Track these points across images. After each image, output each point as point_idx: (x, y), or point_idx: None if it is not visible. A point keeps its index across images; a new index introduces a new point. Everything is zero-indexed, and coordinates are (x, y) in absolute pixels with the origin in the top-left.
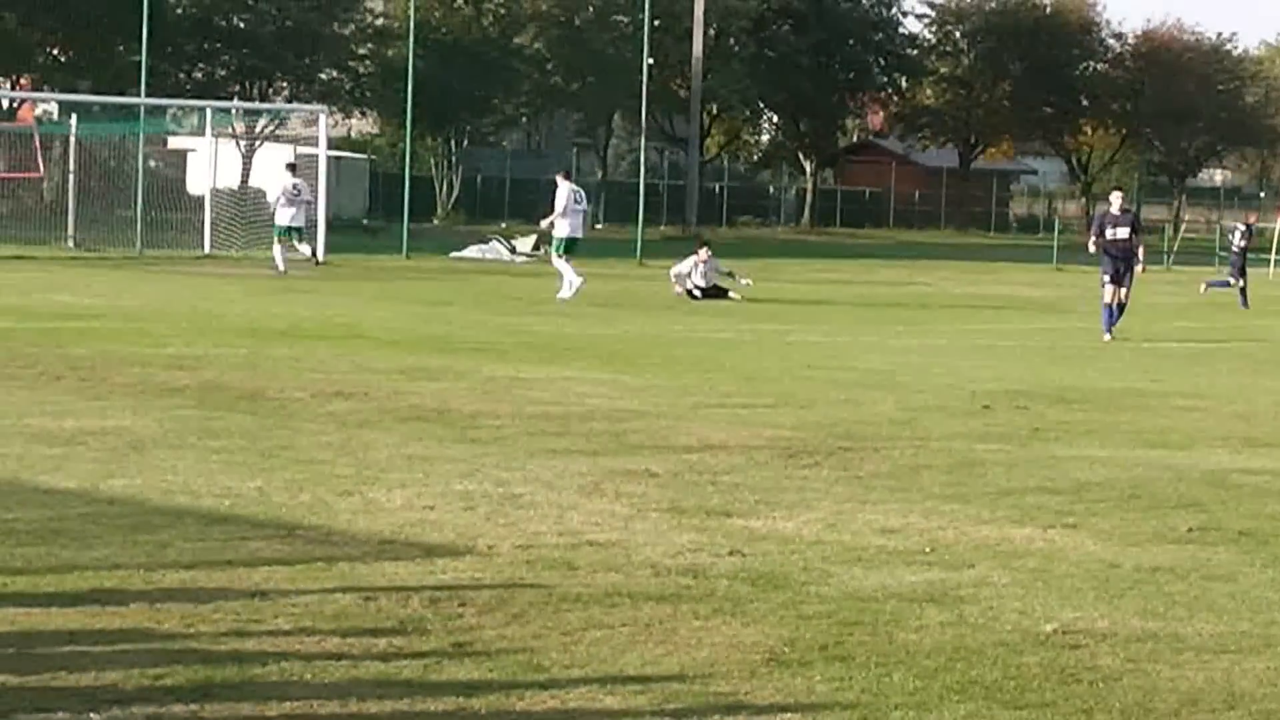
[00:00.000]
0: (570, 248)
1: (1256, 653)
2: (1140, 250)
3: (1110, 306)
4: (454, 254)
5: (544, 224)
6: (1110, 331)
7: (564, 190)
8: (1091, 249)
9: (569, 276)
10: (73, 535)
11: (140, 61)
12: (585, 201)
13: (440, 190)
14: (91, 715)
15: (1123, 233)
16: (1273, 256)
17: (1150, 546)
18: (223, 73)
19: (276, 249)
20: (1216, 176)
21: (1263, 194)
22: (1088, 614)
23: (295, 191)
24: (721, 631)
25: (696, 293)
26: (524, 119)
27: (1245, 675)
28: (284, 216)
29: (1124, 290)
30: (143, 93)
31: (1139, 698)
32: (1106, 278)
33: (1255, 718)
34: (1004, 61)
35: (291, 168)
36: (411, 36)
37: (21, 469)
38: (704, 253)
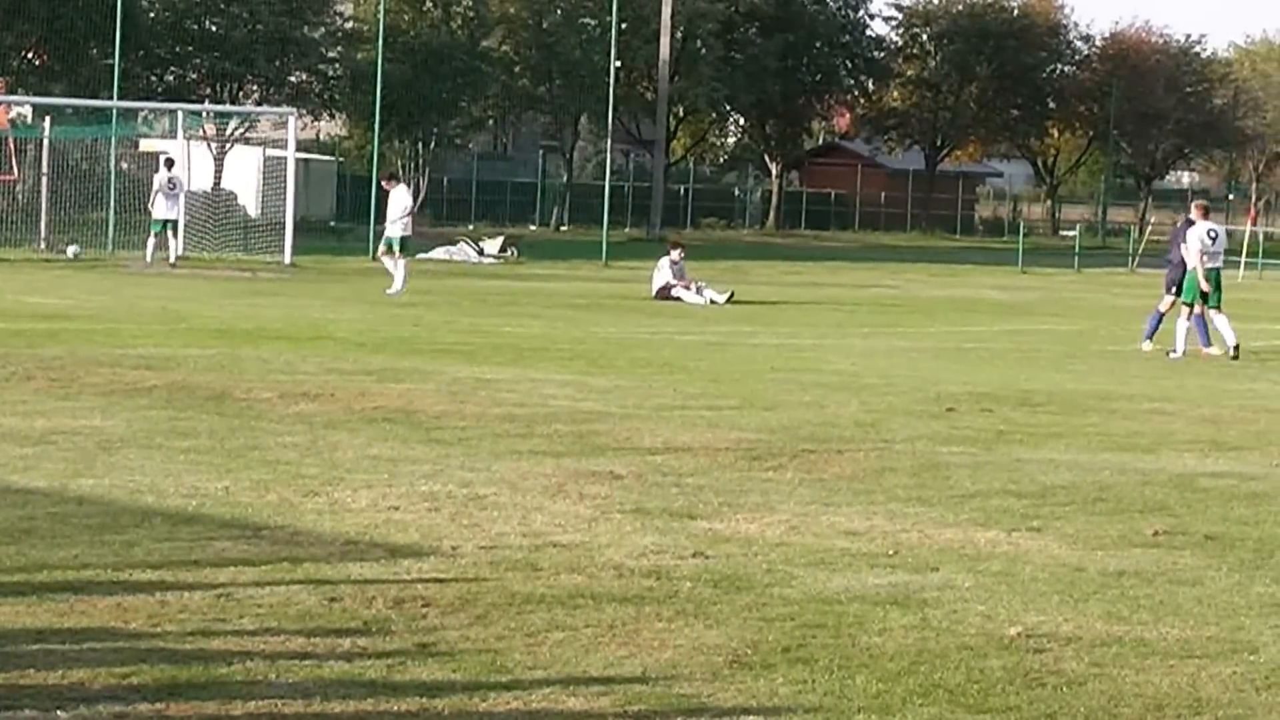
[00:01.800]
0: (404, 246)
1: (1223, 658)
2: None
3: (1163, 315)
4: (421, 255)
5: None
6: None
7: (400, 194)
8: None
9: (399, 274)
10: (42, 534)
11: (113, 65)
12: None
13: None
14: (59, 713)
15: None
16: (1243, 259)
17: (1116, 550)
18: (194, 76)
19: (151, 243)
20: (1184, 179)
21: (1230, 196)
22: (1052, 618)
23: (171, 186)
24: (685, 633)
25: (683, 295)
26: (491, 122)
27: (1211, 680)
28: (161, 210)
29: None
30: (115, 96)
31: (1104, 702)
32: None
33: None
34: (971, 64)
35: (170, 163)
36: (380, 40)
37: None
38: (676, 253)
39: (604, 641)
